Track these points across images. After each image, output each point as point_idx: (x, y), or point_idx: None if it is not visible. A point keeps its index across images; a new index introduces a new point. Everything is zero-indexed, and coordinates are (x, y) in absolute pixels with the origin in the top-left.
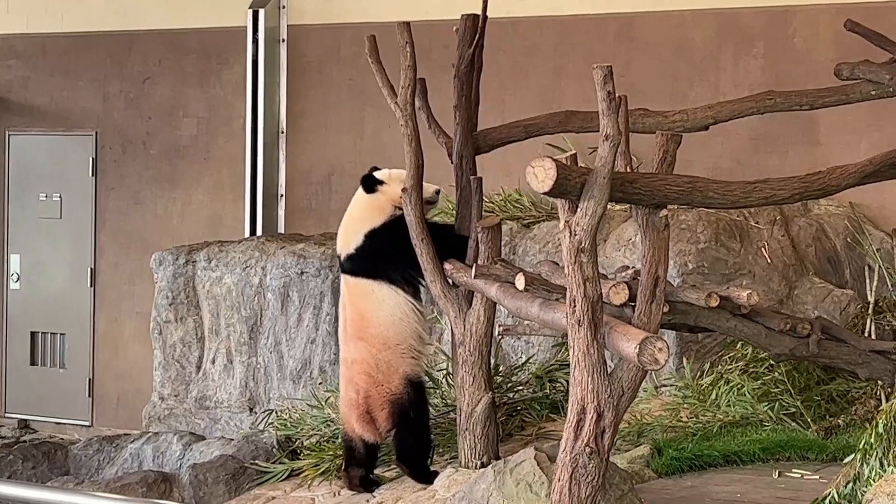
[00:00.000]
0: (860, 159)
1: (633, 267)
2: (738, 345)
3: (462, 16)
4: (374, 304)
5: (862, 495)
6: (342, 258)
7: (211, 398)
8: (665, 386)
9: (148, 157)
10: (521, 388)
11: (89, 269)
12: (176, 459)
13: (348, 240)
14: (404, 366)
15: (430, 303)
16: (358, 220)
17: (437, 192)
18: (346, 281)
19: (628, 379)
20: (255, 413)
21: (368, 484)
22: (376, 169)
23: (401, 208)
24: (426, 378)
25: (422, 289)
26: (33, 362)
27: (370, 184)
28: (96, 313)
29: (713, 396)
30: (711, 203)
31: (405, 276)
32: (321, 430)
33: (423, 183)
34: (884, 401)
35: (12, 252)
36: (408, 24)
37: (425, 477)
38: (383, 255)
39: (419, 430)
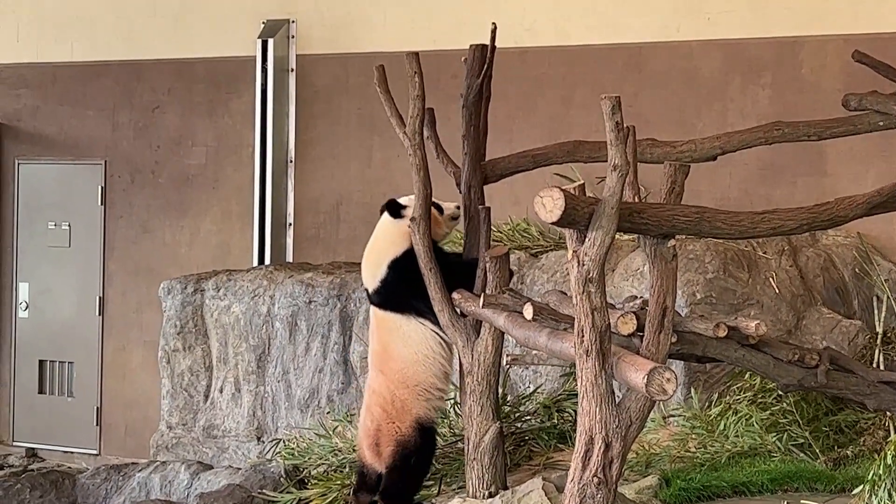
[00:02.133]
0: (868, 190)
1: (641, 297)
2: (747, 375)
3: (470, 46)
4: (399, 339)
5: None
6: (369, 292)
7: (219, 427)
8: (673, 416)
9: (156, 185)
10: (528, 417)
11: (97, 298)
12: (183, 488)
13: (373, 272)
14: (418, 407)
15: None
16: (381, 249)
17: (459, 207)
18: (375, 312)
19: (636, 409)
20: (263, 442)
21: None
22: (392, 202)
23: None
24: (439, 419)
25: None
26: (41, 391)
27: (396, 209)
28: (104, 342)
29: (721, 427)
30: (719, 233)
31: (430, 305)
32: (329, 459)
33: (443, 203)
34: (892, 432)
35: (21, 280)
36: (416, 54)
37: None
38: (409, 286)
39: (414, 476)
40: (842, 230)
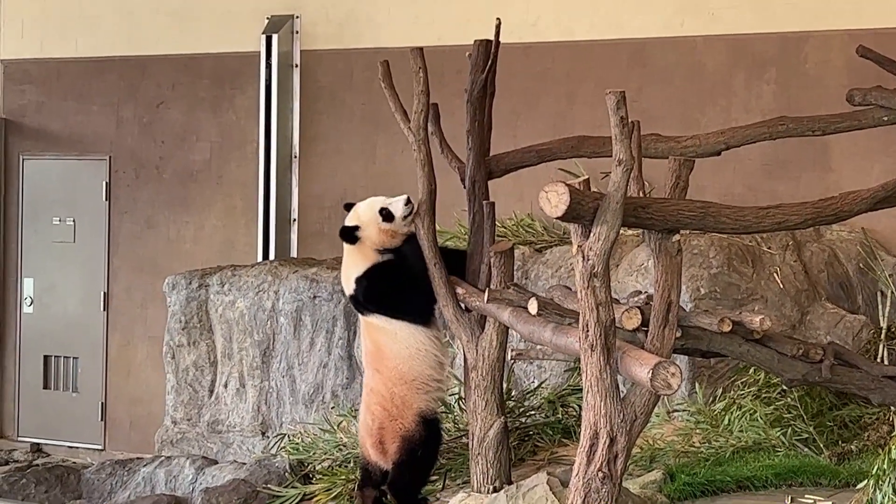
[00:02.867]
0: (872, 185)
1: (646, 292)
2: (751, 370)
3: (475, 41)
4: (388, 336)
5: None
6: (348, 297)
7: (223, 422)
8: (677, 411)
9: (161, 181)
10: (533, 412)
11: (102, 293)
12: (188, 483)
13: (347, 284)
14: (419, 401)
15: (443, 327)
16: (349, 266)
17: (408, 203)
18: (360, 315)
19: (641, 404)
20: (268, 437)
21: None
22: (350, 205)
23: (383, 250)
24: (441, 408)
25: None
26: (46, 386)
27: (349, 237)
28: (109, 337)
29: (726, 421)
30: (724, 228)
31: (399, 317)
32: (333, 454)
33: (391, 204)
34: None
35: (26, 276)
36: (421, 49)
37: None
38: (377, 298)
39: (422, 468)
40: (846, 225)
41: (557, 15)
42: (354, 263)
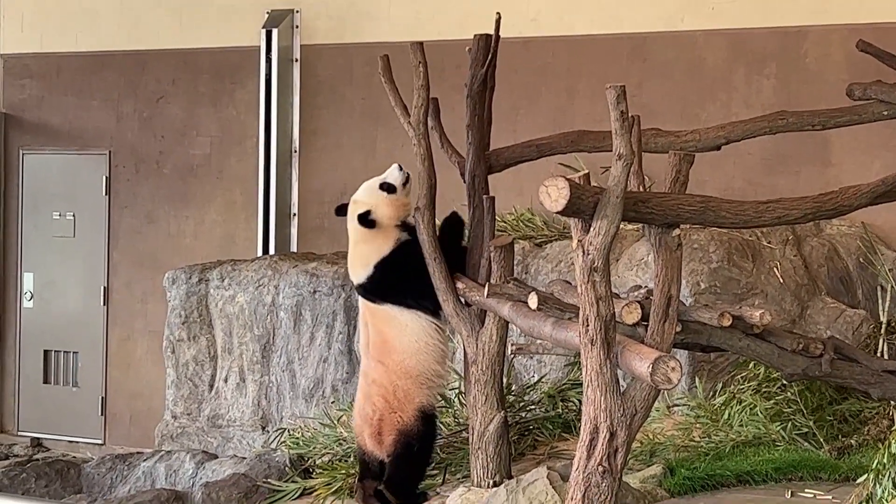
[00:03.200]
0: (872, 179)
1: (646, 286)
2: (751, 364)
3: (475, 36)
4: (396, 329)
5: None
6: (356, 285)
7: (223, 417)
8: (677, 405)
9: (161, 176)
10: (533, 407)
11: (102, 288)
12: (188, 478)
13: (359, 272)
14: (421, 396)
15: (444, 321)
16: (365, 252)
17: (401, 170)
18: (367, 304)
19: (641, 398)
20: (268, 432)
21: (383, 498)
22: (341, 207)
23: (401, 225)
24: (441, 403)
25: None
26: (46, 380)
27: (368, 221)
28: (109, 332)
29: (725, 416)
30: (724, 223)
31: (421, 302)
32: (333, 448)
33: (388, 178)
34: None
35: (26, 270)
36: (421, 44)
37: None
38: (397, 284)
39: (418, 463)
40: (846, 220)
41: (558, 10)
42: (375, 247)
